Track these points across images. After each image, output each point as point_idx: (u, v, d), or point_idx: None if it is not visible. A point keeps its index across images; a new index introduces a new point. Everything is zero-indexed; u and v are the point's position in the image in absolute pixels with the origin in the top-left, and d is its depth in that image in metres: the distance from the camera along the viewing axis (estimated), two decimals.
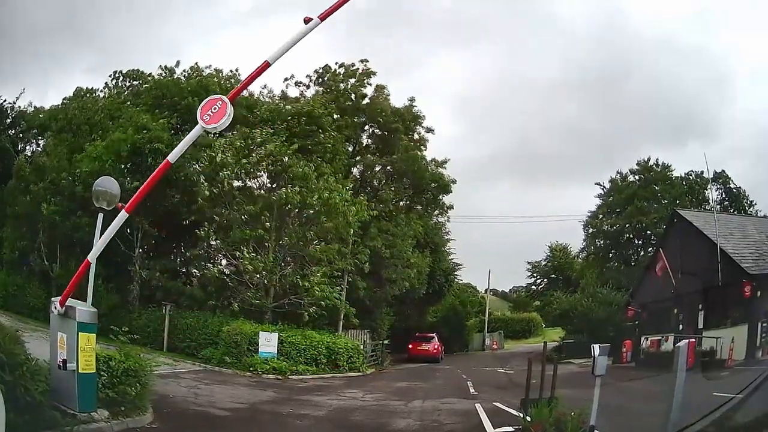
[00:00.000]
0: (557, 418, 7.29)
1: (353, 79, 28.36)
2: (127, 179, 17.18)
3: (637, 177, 37.73)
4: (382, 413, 10.95)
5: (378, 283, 25.79)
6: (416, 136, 29.28)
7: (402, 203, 29.83)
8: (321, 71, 28.55)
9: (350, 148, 28.85)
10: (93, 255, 7.20)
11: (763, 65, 62.91)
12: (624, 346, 24.21)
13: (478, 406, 11.33)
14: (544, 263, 53.56)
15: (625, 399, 11.35)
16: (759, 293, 19.00)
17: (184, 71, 24.31)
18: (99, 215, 8.00)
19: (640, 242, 37.72)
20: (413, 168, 28.07)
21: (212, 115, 6.63)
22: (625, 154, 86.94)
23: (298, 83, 28.31)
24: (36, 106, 27.34)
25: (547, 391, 8.39)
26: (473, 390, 15.47)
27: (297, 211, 20.27)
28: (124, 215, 7.00)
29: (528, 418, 7.89)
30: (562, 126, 75.90)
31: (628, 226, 36.18)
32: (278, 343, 17.85)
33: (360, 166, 29.24)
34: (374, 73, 28.34)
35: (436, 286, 34.95)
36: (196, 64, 24.65)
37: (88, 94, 25.35)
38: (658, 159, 37.78)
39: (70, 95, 25.59)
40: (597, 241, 39.77)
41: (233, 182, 20.61)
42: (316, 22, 6.64)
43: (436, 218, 34.10)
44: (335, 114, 26.25)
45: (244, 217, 20.03)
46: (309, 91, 28.29)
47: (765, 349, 18.09)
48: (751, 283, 19.23)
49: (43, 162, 21.69)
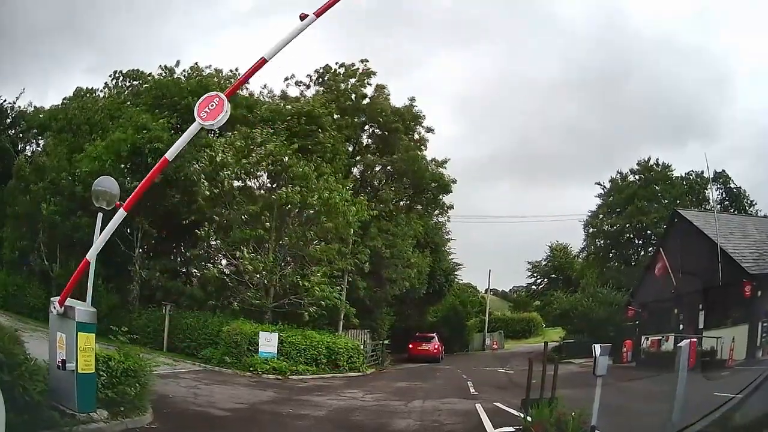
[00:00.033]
0: (558, 418, 7.27)
1: (353, 79, 28.37)
2: (127, 179, 17.16)
3: (637, 177, 37.71)
4: (382, 413, 10.93)
5: (378, 283, 25.77)
6: (416, 136, 29.30)
7: (402, 203, 29.82)
8: (321, 71, 28.57)
9: (350, 148, 28.82)
10: (92, 254, 7.19)
11: (763, 65, 63.02)
12: (624, 346, 24.20)
13: (479, 406, 11.31)
14: (544, 263, 53.63)
15: (626, 399, 11.34)
16: (759, 293, 18.99)
17: (184, 71, 24.28)
18: (98, 215, 7.98)
19: (641, 242, 37.71)
20: (413, 168, 28.05)
21: (209, 112, 6.63)
22: (625, 154, 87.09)
23: (299, 83, 28.35)
24: (36, 106, 27.34)
25: (548, 392, 8.38)
26: (473, 390, 15.46)
27: (297, 211, 20.24)
28: (122, 213, 7.00)
29: (529, 419, 7.88)
30: (562, 126, 76.03)
31: (628, 225, 36.14)
32: (278, 343, 17.82)
33: (360, 166, 29.22)
34: (374, 73, 28.39)
35: (437, 286, 34.91)
36: (196, 64, 24.60)
37: (88, 94, 25.29)
38: (658, 159, 37.87)
39: (70, 95, 25.57)
40: (597, 241, 39.76)
41: (233, 182, 20.58)
42: (311, 18, 6.65)
43: (436, 218, 34.08)
44: (335, 114, 26.25)
45: (244, 217, 20.02)
46: (309, 91, 28.33)
47: (765, 349, 18.08)
48: (752, 282, 19.23)
49: (43, 162, 21.67)
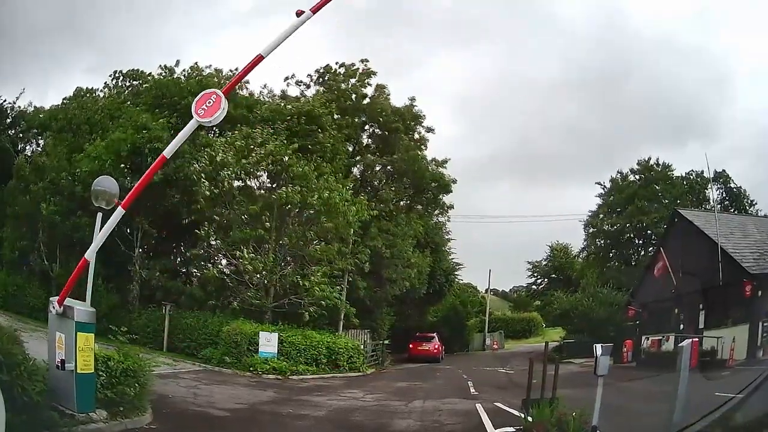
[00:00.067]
0: (559, 418, 7.25)
1: (353, 79, 28.36)
2: (127, 179, 17.13)
3: (637, 176, 37.65)
4: (382, 413, 10.91)
5: (378, 283, 25.75)
6: (416, 136, 29.28)
7: (402, 203, 29.79)
8: (322, 71, 28.58)
9: (350, 148, 28.80)
10: (90, 252, 7.16)
11: (763, 65, 62.95)
12: (625, 346, 24.18)
13: (479, 407, 11.30)
14: (544, 263, 53.62)
15: (627, 399, 11.31)
16: (760, 293, 18.97)
17: (184, 71, 24.30)
18: (98, 214, 7.96)
19: (641, 242, 37.66)
20: (413, 168, 28.03)
21: (207, 109, 6.62)
22: (625, 154, 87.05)
23: (299, 82, 28.36)
24: (36, 106, 27.28)
25: (549, 392, 8.34)
26: (474, 390, 15.46)
27: (297, 210, 20.22)
28: (120, 212, 6.99)
29: (529, 419, 7.85)
30: (562, 126, 75.96)
31: (628, 225, 36.09)
32: (278, 343, 17.80)
33: (360, 166, 29.19)
34: (374, 73, 28.38)
35: (437, 286, 34.89)
36: (196, 63, 24.63)
37: (88, 94, 25.27)
38: (658, 159, 37.78)
39: (70, 95, 25.55)
40: (597, 241, 39.72)
41: (233, 182, 20.57)
42: (308, 15, 6.65)
43: (436, 218, 34.05)
44: (335, 114, 26.24)
45: (244, 216, 20.00)
46: (309, 91, 28.34)
47: (766, 349, 18.04)
48: (752, 282, 19.20)
49: (43, 162, 21.65)
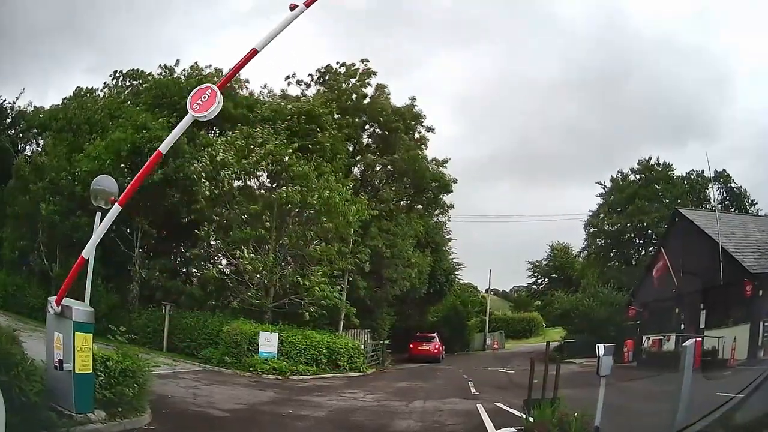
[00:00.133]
0: (560, 418, 7.21)
1: (354, 79, 28.35)
2: (127, 179, 17.02)
3: (638, 176, 37.63)
4: (382, 414, 10.87)
5: (379, 283, 25.73)
6: (417, 136, 29.28)
7: (402, 203, 29.79)
8: (323, 71, 28.58)
9: (351, 148, 28.80)
10: (87, 250, 7.12)
11: (763, 65, 62.99)
12: (625, 346, 24.14)
13: (480, 407, 11.26)
14: (545, 263, 53.64)
15: (628, 399, 11.27)
16: (761, 292, 18.96)
17: (184, 70, 24.26)
18: (97, 214, 7.93)
19: (642, 242, 37.62)
20: (414, 167, 28.01)
21: (202, 104, 6.62)
22: (625, 154, 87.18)
23: (299, 81, 28.38)
24: (36, 106, 27.23)
25: (550, 392, 8.30)
26: (474, 390, 15.43)
27: (297, 210, 20.18)
28: (117, 209, 6.96)
29: (531, 419, 7.81)
30: (562, 126, 76.05)
31: (629, 225, 36.05)
32: (278, 343, 17.75)
33: (360, 166, 29.19)
34: (375, 73, 28.39)
35: (437, 286, 34.87)
36: (196, 63, 24.54)
37: (88, 94, 25.23)
38: (659, 158, 37.77)
39: (70, 95, 25.50)
40: (598, 241, 39.68)
41: (233, 182, 20.54)
42: (301, 8, 6.65)
43: (436, 218, 34.05)
44: (336, 113, 26.22)
45: (244, 216, 19.97)
46: (310, 91, 28.38)
47: (767, 349, 18.02)
48: (753, 282, 19.19)
49: (43, 162, 21.59)
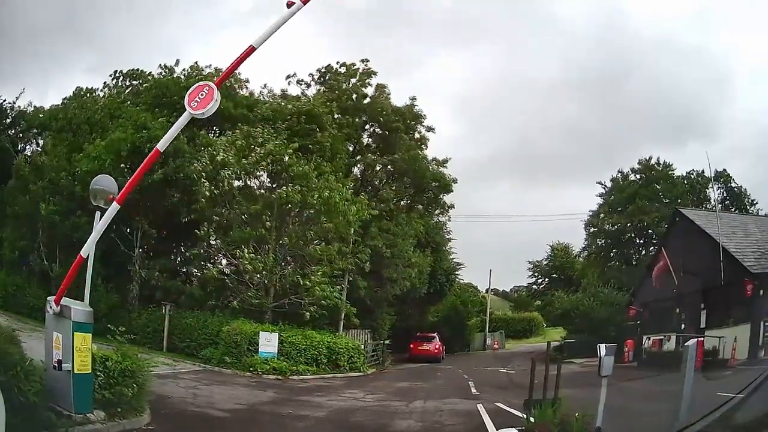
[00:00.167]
0: (561, 419, 7.17)
1: (354, 79, 28.34)
2: (127, 178, 16.97)
3: (638, 176, 37.55)
4: (383, 414, 10.85)
5: (379, 283, 25.70)
6: (417, 135, 29.27)
7: (403, 202, 29.79)
8: (323, 70, 28.58)
9: (351, 148, 28.79)
10: (86, 249, 7.09)
11: (763, 65, 62.90)
12: (626, 346, 24.10)
13: (480, 407, 11.24)
14: (545, 263, 53.52)
15: (629, 399, 11.24)
16: (761, 292, 18.91)
17: (184, 70, 24.24)
18: (96, 214, 7.91)
19: (642, 241, 37.55)
20: (414, 167, 28.01)
21: (199, 102, 6.62)
22: (625, 154, 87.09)
23: (300, 81, 28.39)
24: (36, 106, 27.22)
25: (551, 392, 8.27)
26: (475, 390, 15.41)
27: (297, 210, 20.15)
28: (115, 207, 6.95)
29: (532, 419, 7.77)
30: (562, 126, 75.93)
31: (629, 225, 35.96)
32: (278, 343, 17.72)
33: (361, 166, 29.18)
34: (375, 73, 28.41)
35: (437, 286, 34.84)
36: (196, 63, 24.51)
37: (88, 94, 25.22)
38: (659, 158, 37.66)
39: (70, 95, 25.49)
40: (598, 241, 39.58)
41: (233, 182, 20.51)
42: (298, 5, 6.63)
43: (437, 217, 34.03)
44: (336, 113, 26.20)
45: (244, 216, 19.94)
46: (310, 90, 28.38)
47: (767, 349, 17.98)
48: (753, 282, 19.14)
49: (42, 161, 21.59)
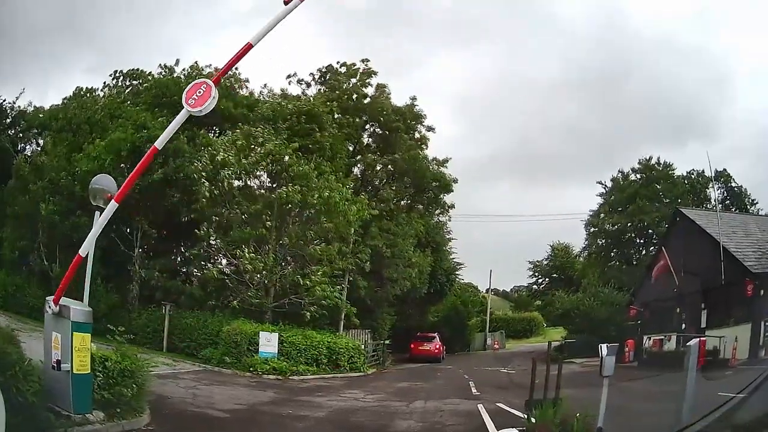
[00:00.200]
0: (562, 419, 7.14)
1: (354, 79, 28.33)
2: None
3: (638, 176, 37.55)
4: (383, 414, 10.82)
5: (379, 283, 25.68)
6: (417, 135, 29.24)
7: (403, 202, 29.77)
8: (324, 70, 28.57)
9: (351, 148, 28.77)
10: (84, 248, 7.06)
11: (763, 65, 62.87)
12: (626, 346, 24.08)
13: (481, 407, 11.20)
14: (545, 263, 53.40)
15: (629, 399, 11.21)
16: (762, 292, 18.89)
17: (184, 70, 24.20)
18: (96, 213, 7.89)
19: (642, 241, 37.54)
20: (414, 167, 28.00)
21: (197, 99, 6.64)
22: (625, 154, 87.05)
23: (300, 81, 28.39)
24: (36, 106, 27.19)
25: (552, 392, 8.23)
26: (475, 390, 15.38)
27: (297, 210, 20.13)
28: (114, 205, 6.94)
29: (533, 420, 7.74)
30: (562, 126, 75.87)
31: (629, 225, 35.95)
32: (278, 343, 17.70)
33: (361, 165, 29.16)
34: (375, 72, 28.40)
35: (438, 286, 34.81)
36: (196, 63, 24.45)
37: (88, 94, 25.18)
38: (659, 158, 37.67)
39: (70, 95, 25.44)
40: (599, 240, 39.58)
41: (233, 182, 20.49)
42: (295, 2, 6.63)
43: (437, 217, 34.01)
44: (336, 113, 26.18)
45: (244, 216, 19.92)
46: (311, 90, 28.39)
47: None
48: (754, 281, 19.13)
49: (42, 161, 21.57)
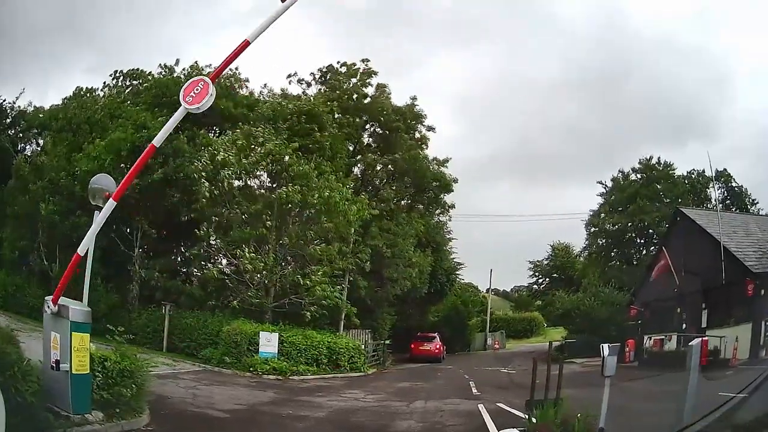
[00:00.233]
0: (563, 419, 7.12)
1: (355, 79, 28.31)
2: None
3: (639, 175, 37.55)
4: (383, 414, 10.81)
5: (379, 283, 25.66)
6: (417, 135, 29.23)
7: (403, 202, 29.76)
8: (324, 70, 28.56)
9: (351, 147, 28.75)
10: (83, 247, 7.04)
11: (763, 65, 62.70)
12: (627, 346, 24.05)
13: (481, 407, 11.18)
14: (545, 262, 53.34)
15: (630, 399, 11.19)
16: (762, 292, 18.87)
17: (184, 70, 24.16)
18: (95, 213, 7.87)
19: (643, 241, 37.53)
20: (414, 167, 27.99)
21: (194, 96, 6.63)
22: (625, 154, 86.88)
23: (301, 81, 28.37)
24: (36, 106, 27.17)
25: (552, 392, 8.21)
26: (476, 390, 15.36)
27: (297, 210, 20.11)
28: (112, 204, 6.92)
29: (533, 420, 7.71)
30: (562, 126, 75.71)
31: (630, 224, 35.95)
32: (279, 343, 17.68)
33: (361, 165, 29.14)
34: (375, 72, 28.37)
35: (438, 286, 34.78)
36: (196, 62, 24.39)
37: (88, 94, 25.16)
38: (660, 157, 37.66)
39: (70, 95, 25.43)
40: (599, 240, 39.57)
41: (233, 182, 20.48)
42: (292, 0, 6.58)
43: (437, 217, 33.99)
44: (337, 113, 26.17)
45: (244, 216, 19.91)
46: (311, 90, 28.37)
47: None
48: (755, 281, 19.11)
49: (42, 161, 21.56)
